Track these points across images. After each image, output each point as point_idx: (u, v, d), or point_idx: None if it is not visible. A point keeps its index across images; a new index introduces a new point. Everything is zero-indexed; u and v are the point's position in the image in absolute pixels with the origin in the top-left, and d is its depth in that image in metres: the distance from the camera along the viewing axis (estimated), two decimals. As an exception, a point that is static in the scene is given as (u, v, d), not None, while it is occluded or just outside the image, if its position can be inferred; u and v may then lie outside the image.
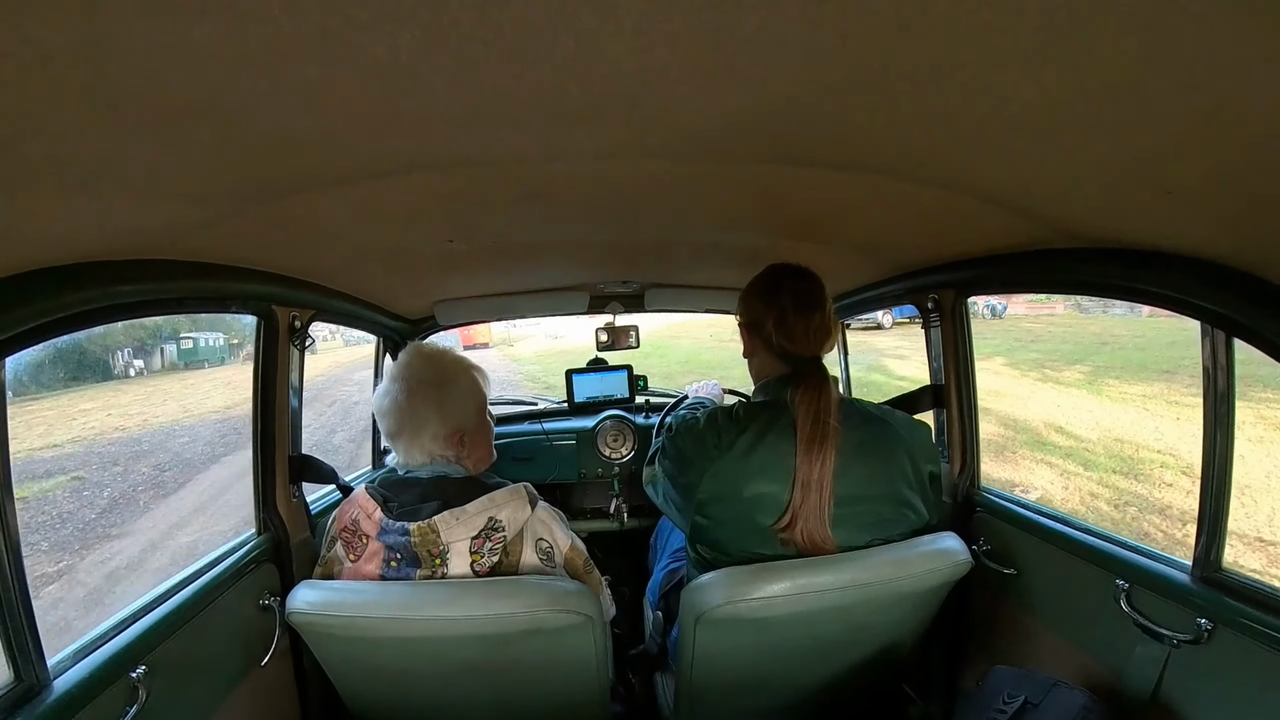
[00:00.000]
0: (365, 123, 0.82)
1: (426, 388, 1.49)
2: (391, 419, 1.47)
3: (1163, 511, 6.63)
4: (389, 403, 1.47)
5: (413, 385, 1.48)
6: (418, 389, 1.48)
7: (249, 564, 1.59)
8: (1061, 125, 0.79)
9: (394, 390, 1.48)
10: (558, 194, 1.28)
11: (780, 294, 1.53)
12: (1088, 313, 20.97)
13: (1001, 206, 1.21)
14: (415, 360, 1.53)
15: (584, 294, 2.76)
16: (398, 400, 1.47)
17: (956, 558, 1.44)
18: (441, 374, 1.52)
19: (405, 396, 1.47)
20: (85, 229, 0.97)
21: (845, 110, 0.82)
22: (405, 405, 1.46)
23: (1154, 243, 1.16)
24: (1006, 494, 1.89)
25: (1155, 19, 0.54)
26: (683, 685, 1.53)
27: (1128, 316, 19.27)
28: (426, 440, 1.48)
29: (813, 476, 1.38)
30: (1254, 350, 1.11)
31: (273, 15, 0.54)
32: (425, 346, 1.58)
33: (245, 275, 1.45)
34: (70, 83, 0.59)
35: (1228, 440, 1.26)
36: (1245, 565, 5.23)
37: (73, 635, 1.19)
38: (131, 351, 17.64)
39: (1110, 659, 1.46)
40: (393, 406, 1.47)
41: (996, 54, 0.63)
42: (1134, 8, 0.53)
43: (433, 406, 1.48)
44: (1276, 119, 0.66)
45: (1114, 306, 20.09)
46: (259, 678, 1.56)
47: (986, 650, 1.86)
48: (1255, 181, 0.81)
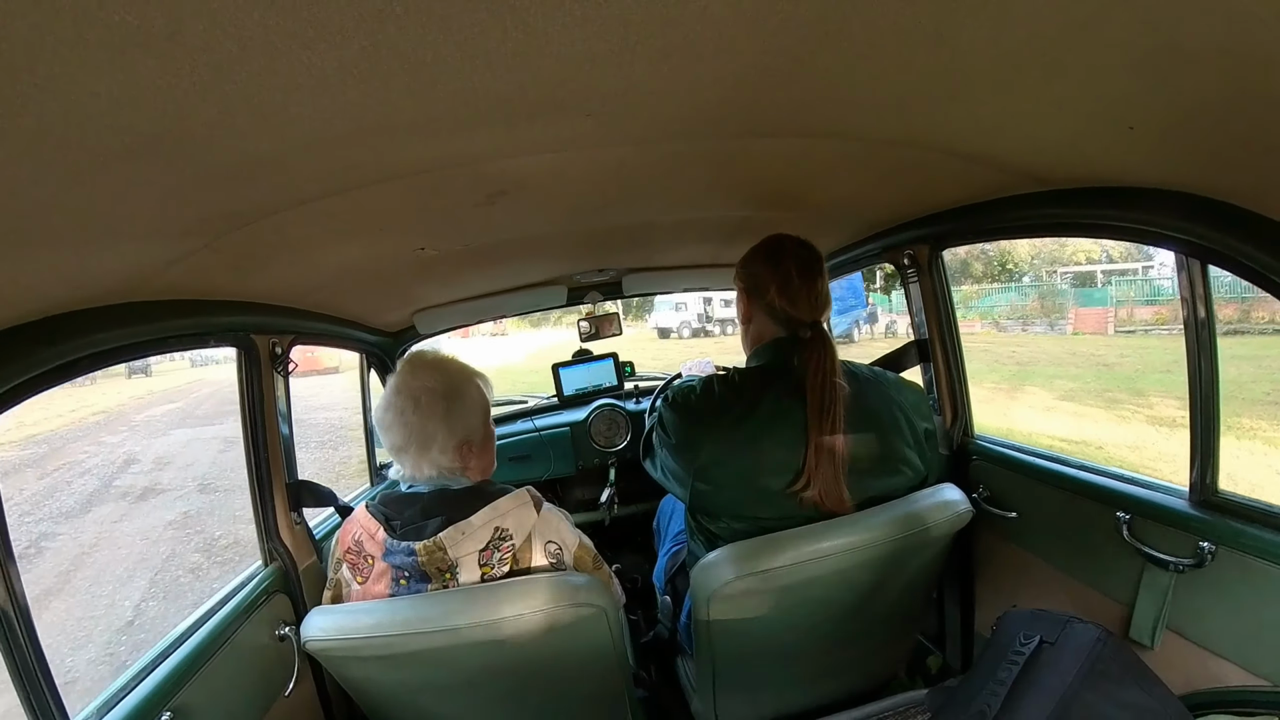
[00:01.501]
0: (322, 139, 0.81)
1: (434, 399, 1.42)
2: (397, 433, 1.41)
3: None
4: (393, 417, 1.41)
5: (420, 398, 1.42)
6: (425, 401, 1.42)
7: (260, 596, 1.59)
8: (1020, 72, 0.79)
9: (398, 403, 1.41)
10: (523, 190, 1.27)
11: (785, 259, 1.54)
12: (1005, 330, 21.67)
13: (967, 158, 1.21)
14: (419, 371, 1.46)
15: (561, 287, 2.75)
16: (404, 414, 1.40)
17: (957, 508, 1.45)
18: (449, 385, 1.46)
19: (412, 409, 1.41)
20: (54, 281, 0.95)
21: (805, 76, 0.82)
22: (413, 419, 1.40)
23: (1122, 178, 1.17)
24: (1000, 439, 1.91)
25: None
26: (702, 663, 1.54)
27: (1049, 334, 20.15)
28: (435, 453, 1.42)
29: (825, 436, 1.39)
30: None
31: (215, 42, 0.53)
32: (427, 355, 1.53)
33: (221, 308, 1.43)
34: (15, 132, 0.58)
35: (1212, 366, 1.27)
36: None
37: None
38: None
39: (1118, 590, 1.48)
40: (398, 421, 1.40)
41: (951, 5, 0.63)
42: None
43: (440, 419, 1.42)
44: (1232, 49, 0.66)
45: (1033, 325, 21.15)
46: (284, 707, 1.55)
47: (997, 595, 1.88)
48: (1217, 111, 0.81)
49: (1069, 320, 21.01)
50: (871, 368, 1.62)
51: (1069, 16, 0.64)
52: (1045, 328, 21.35)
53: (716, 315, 28.32)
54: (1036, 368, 14.95)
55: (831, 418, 1.40)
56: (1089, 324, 20.18)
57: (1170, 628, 1.37)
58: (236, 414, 1.69)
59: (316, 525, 1.97)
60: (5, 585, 1.00)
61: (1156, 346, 16.18)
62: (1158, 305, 19.75)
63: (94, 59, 0.51)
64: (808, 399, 1.41)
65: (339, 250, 1.46)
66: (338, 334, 2.19)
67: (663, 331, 27.34)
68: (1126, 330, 19.21)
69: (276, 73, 0.60)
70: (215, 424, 14.37)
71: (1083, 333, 19.78)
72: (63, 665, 5.30)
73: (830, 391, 1.41)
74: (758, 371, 1.52)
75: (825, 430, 1.39)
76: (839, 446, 1.40)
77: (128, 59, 0.52)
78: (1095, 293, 22.92)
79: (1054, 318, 21.80)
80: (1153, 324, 19.03)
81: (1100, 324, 19.93)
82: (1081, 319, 20.69)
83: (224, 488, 9.26)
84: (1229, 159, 0.95)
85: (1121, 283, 22.06)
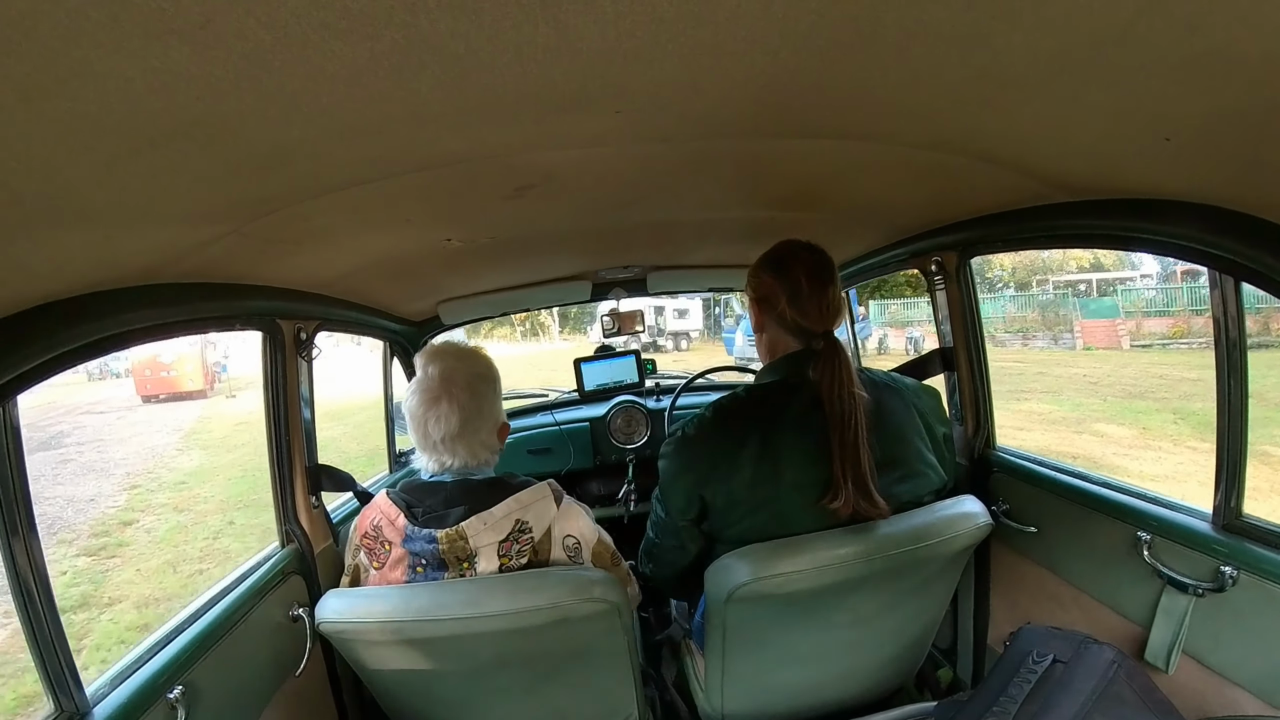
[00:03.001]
0: (352, 129, 0.81)
1: (484, 384, 1.47)
2: (454, 420, 1.41)
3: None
4: (448, 406, 1.41)
5: (473, 384, 1.45)
6: (479, 386, 1.45)
7: (276, 577, 1.61)
8: (1056, 78, 0.78)
9: (449, 392, 1.42)
10: (551, 184, 1.27)
11: (794, 268, 1.49)
12: (1004, 345, 19.79)
13: (999, 164, 1.20)
14: (461, 358, 1.49)
15: (586, 282, 2.75)
16: (460, 401, 1.42)
17: (977, 520, 1.43)
18: (489, 369, 1.51)
19: (469, 396, 1.43)
20: (85, 261, 0.97)
21: (836, 76, 0.81)
22: (470, 404, 1.42)
23: (1155, 190, 1.14)
24: (1022, 452, 1.88)
25: None
26: (713, 665, 1.54)
27: (1055, 349, 18.55)
28: (485, 435, 1.46)
29: (850, 449, 1.37)
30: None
31: (249, 30, 0.53)
32: (452, 345, 1.54)
33: (248, 292, 1.45)
34: (54, 117, 0.59)
35: (1241, 388, 1.25)
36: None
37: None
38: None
39: (1135, 612, 1.46)
40: (454, 408, 1.41)
41: (988, 11, 0.62)
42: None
43: (491, 401, 1.48)
44: (1273, 54, 0.65)
45: (1035, 339, 19.22)
46: (294, 688, 1.58)
47: (1012, 609, 1.86)
48: (1256, 123, 0.79)
49: (1076, 334, 19.50)
50: (888, 373, 1.60)
51: (1107, 22, 0.63)
52: (1049, 342, 19.86)
53: (669, 328, 26.09)
54: (1082, 399, 12.38)
55: (854, 429, 1.37)
56: (1098, 338, 18.87)
57: (1187, 652, 1.35)
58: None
59: (334, 510, 1.99)
60: (27, 557, 1.03)
61: (1182, 365, 14.39)
62: (1171, 316, 18.47)
63: (128, 45, 0.52)
64: (827, 413, 1.38)
65: (366, 239, 1.48)
66: (362, 321, 2.21)
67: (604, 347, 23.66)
68: (1142, 344, 17.91)
69: (309, 62, 0.60)
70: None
71: (1094, 347, 18.55)
72: None
73: (849, 402, 1.37)
74: (771, 389, 1.49)
75: (849, 442, 1.36)
76: (864, 457, 1.37)
77: (162, 46, 0.53)
78: (1099, 303, 21.06)
79: (1057, 331, 19.92)
80: (1169, 337, 17.81)
81: (1111, 337, 18.61)
82: (1089, 332, 19.13)
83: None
84: (1267, 174, 0.93)
85: (1126, 292, 20.77)
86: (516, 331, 26.06)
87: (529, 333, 26.07)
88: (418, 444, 1.46)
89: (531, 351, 6.77)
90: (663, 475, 1.51)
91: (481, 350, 1.55)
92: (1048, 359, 17.48)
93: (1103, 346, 18.42)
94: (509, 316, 2.98)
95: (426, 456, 1.46)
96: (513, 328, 26.06)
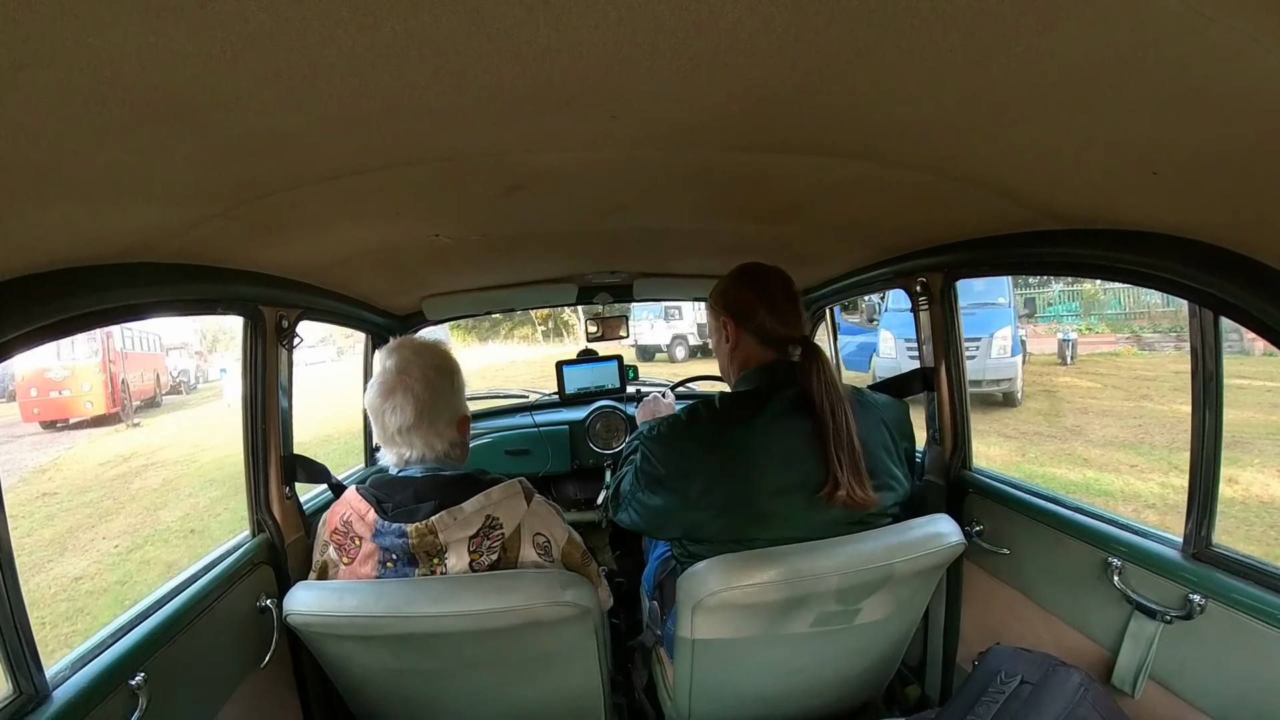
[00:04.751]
0: (347, 117, 0.81)
1: (440, 375, 1.48)
2: (408, 412, 1.42)
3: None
4: (402, 395, 1.42)
5: (429, 375, 1.46)
6: (433, 378, 1.46)
7: (245, 566, 1.59)
8: (1048, 107, 0.79)
9: (404, 383, 1.43)
10: (542, 185, 1.27)
11: (769, 282, 1.57)
12: (1154, 349, 12.83)
13: (988, 189, 1.21)
14: (419, 351, 1.50)
15: (572, 285, 2.75)
16: (415, 392, 1.43)
17: (949, 540, 1.45)
18: (445, 361, 1.52)
19: (423, 387, 1.44)
20: (68, 234, 0.96)
21: (831, 94, 0.82)
22: (425, 395, 1.43)
23: (1141, 223, 1.16)
24: (998, 474, 1.90)
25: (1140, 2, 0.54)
26: (681, 673, 1.54)
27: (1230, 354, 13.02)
28: (442, 427, 1.47)
29: (844, 440, 1.41)
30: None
31: (250, 12, 0.53)
32: (411, 339, 1.56)
33: (232, 276, 1.44)
34: (46, 86, 0.58)
35: (1216, 419, 1.26)
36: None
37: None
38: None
39: (1104, 636, 1.47)
40: (407, 398, 1.42)
41: (982, 37, 0.63)
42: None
43: (447, 393, 1.48)
44: (1261, 98, 0.66)
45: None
46: (258, 680, 1.55)
47: (982, 630, 1.87)
48: (1241, 161, 0.81)
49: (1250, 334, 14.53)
50: (855, 387, 1.63)
51: (1099, 56, 0.64)
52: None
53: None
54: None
55: (845, 421, 1.42)
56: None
57: (1154, 678, 1.36)
58: None
59: (306, 501, 1.97)
60: None
61: None
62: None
63: (126, 19, 0.51)
64: (816, 410, 1.42)
65: (354, 229, 1.47)
66: (345, 313, 2.19)
67: (646, 351, 18.84)
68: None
69: (308, 48, 0.60)
70: None
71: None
72: None
73: (835, 396, 1.43)
74: (748, 395, 1.52)
75: (842, 434, 1.41)
76: (857, 444, 1.42)
77: (160, 22, 0.52)
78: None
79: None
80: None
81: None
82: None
83: None
84: (1250, 211, 0.94)
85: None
86: (538, 331, 24.18)
87: (552, 332, 23.85)
88: (379, 437, 1.47)
89: (556, 352, 6.18)
90: (641, 461, 1.54)
91: (442, 344, 1.57)
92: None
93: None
94: (531, 314, 2.97)
95: (387, 449, 1.47)
96: (533, 326, 24.14)
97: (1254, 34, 0.56)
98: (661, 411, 2.23)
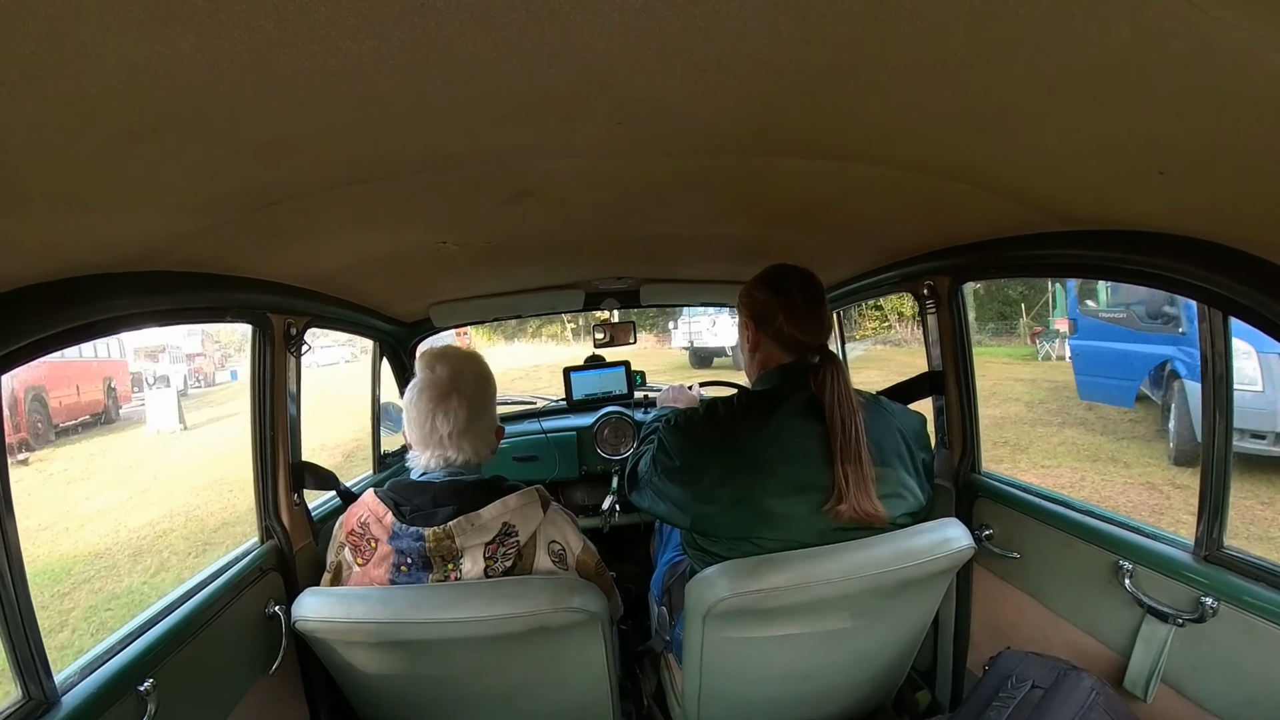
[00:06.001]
0: (354, 126, 0.81)
1: (487, 384, 1.53)
2: (462, 416, 1.45)
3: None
4: (458, 403, 1.45)
5: (479, 383, 1.50)
6: (483, 386, 1.51)
7: (253, 573, 1.59)
8: (1053, 109, 0.79)
9: (459, 389, 1.46)
10: (549, 192, 1.27)
11: (790, 287, 1.56)
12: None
13: (994, 191, 1.21)
14: (467, 360, 1.54)
15: (579, 291, 2.75)
16: (468, 397, 1.46)
17: (959, 544, 1.44)
18: (488, 371, 1.56)
19: (475, 393, 1.48)
20: (77, 243, 0.96)
21: (836, 98, 0.82)
22: (476, 401, 1.47)
23: (1148, 223, 1.16)
24: (1007, 478, 1.89)
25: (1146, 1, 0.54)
26: (690, 679, 1.53)
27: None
28: (486, 433, 1.51)
29: (852, 451, 1.40)
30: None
31: (257, 22, 0.53)
32: (455, 348, 1.59)
33: (240, 284, 1.45)
34: (55, 96, 0.59)
35: (1227, 421, 1.26)
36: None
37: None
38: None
39: (1115, 640, 1.46)
40: (463, 404, 1.45)
41: (986, 40, 0.63)
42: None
43: (492, 402, 1.54)
44: (1268, 96, 0.66)
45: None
46: (267, 686, 1.56)
47: (992, 634, 1.86)
48: (1247, 160, 0.81)
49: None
50: (874, 395, 1.63)
51: (1105, 56, 0.64)
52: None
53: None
54: None
55: (855, 433, 1.41)
56: None
57: (1166, 681, 1.35)
58: None
59: (314, 507, 1.97)
60: (2, 538, 1.01)
61: None
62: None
63: (134, 30, 0.52)
64: (827, 417, 1.42)
65: (361, 237, 1.47)
66: (353, 320, 2.20)
67: (701, 356, 15.57)
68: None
69: (315, 57, 0.60)
70: None
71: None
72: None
73: (848, 407, 1.42)
74: (766, 394, 1.53)
75: (851, 445, 1.40)
76: (866, 460, 1.41)
77: (169, 32, 0.53)
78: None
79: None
80: None
81: None
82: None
83: None
84: (1259, 210, 0.94)
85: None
86: (567, 329, 23.09)
87: (584, 330, 21.64)
88: (419, 441, 1.48)
89: (587, 352, 5.63)
90: (657, 447, 1.56)
91: (476, 354, 1.60)
92: None
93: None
94: (561, 315, 2.99)
95: (429, 453, 1.47)
96: (563, 324, 23.00)
97: (1259, 31, 0.56)
98: (684, 401, 2.24)
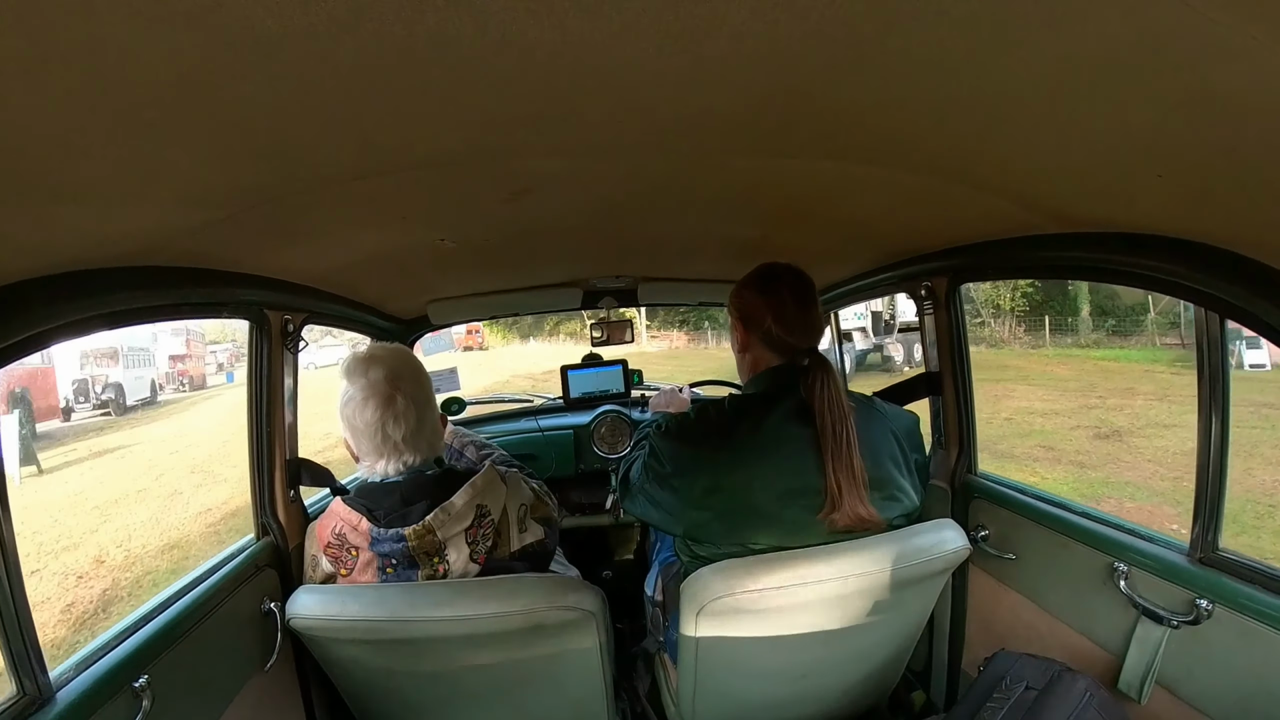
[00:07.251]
0: (353, 122, 0.81)
1: (425, 378, 1.52)
2: (411, 418, 1.42)
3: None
4: (403, 404, 1.42)
5: (418, 378, 1.49)
6: (422, 381, 1.50)
7: (249, 569, 1.59)
8: (1052, 111, 0.79)
9: (402, 390, 1.43)
10: (547, 189, 1.27)
11: (779, 289, 1.54)
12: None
13: (993, 192, 1.21)
14: (397, 357, 1.49)
15: (576, 290, 2.75)
16: (413, 397, 1.43)
17: (954, 544, 1.44)
18: (420, 364, 1.55)
19: (417, 390, 1.46)
20: (74, 237, 0.96)
21: (835, 97, 0.82)
22: (421, 399, 1.46)
23: (1146, 226, 1.16)
24: (1004, 479, 1.89)
25: (1145, 3, 0.54)
26: (685, 679, 1.53)
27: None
28: (434, 424, 1.50)
29: (843, 456, 1.39)
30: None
31: (256, 17, 0.53)
32: (378, 346, 1.53)
33: (237, 280, 1.44)
34: (54, 90, 0.59)
35: (1222, 423, 1.26)
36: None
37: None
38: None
39: (1110, 642, 1.47)
40: (409, 405, 1.42)
41: (986, 41, 0.63)
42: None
43: (432, 395, 1.52)
44: (1265, 101, 0.66)
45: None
46: (262, 683, 1.55)
47: (988, 635, 1.86)
48: (1247, 163, 0.81)
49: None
50: (868, 395, 1.62)
51: (1103, 58, 0.64)
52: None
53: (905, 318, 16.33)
54: None
55: (846, 438, 1.39)
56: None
57: (1160, 683, 1.35)
58: None
59: (309, 504, 1.97)
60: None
61: None
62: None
63: (133, 23, 0.52)
64: (817, 422, 1.41)
65: (360, 233, 1.47)
66: (350, 317, 2.20)
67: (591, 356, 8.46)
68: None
69: (314, 53, 0.60)
70: None
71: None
72: None
73: (839, 412, 1.40)
74: (755, 399, 1.51)
75: (841, 451, 1.39)
76: (858, 465, 1.40)
77: (170, 27, 0.53)
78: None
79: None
80: None
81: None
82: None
83: None
84: (1257, 213, 0.94)
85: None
86: (587, 326, 23.78)
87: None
88: (371, 451, 1.44)
89: (612, 352, 5.20)
90: (648, 454, 1.55)
91: (403, 349, 1.57)
92: None
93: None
94: (581, 312, 2.97)
95: (384, 462, 1.44)
96: (582, 321, 23.63)
97: (1258, 34, 0.56)
98: (676, 405, 2.22)
